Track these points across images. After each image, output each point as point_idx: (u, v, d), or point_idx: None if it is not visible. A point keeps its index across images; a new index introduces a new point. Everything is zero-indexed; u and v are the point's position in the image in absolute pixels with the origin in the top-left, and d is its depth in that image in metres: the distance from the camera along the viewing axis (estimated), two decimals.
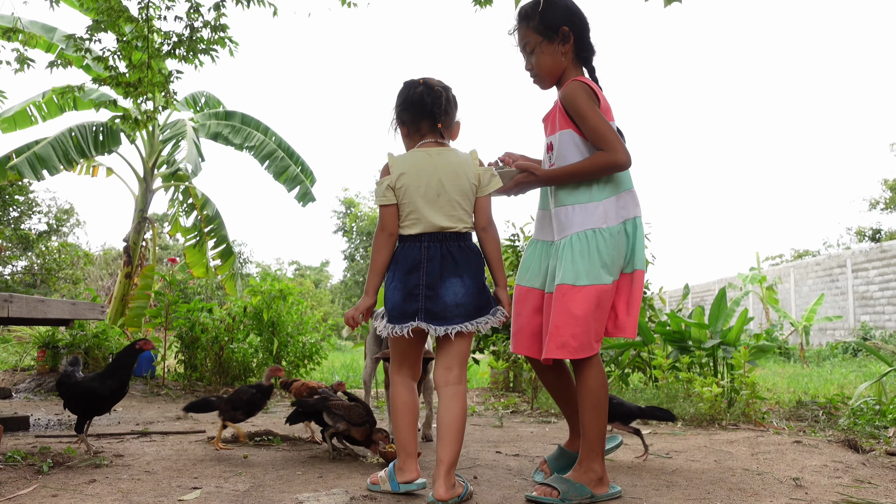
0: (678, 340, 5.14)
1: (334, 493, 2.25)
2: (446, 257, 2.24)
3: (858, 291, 14.12)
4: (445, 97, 2.34)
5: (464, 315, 2.23)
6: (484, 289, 2.28)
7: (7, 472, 2.45)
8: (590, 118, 2.30)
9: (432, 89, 2.34)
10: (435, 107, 2.32)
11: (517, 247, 6.96)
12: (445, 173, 2.27)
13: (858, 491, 2.43)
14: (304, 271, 37.83)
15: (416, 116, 2.34)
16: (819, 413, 4.39)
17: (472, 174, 2.30)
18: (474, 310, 2.24)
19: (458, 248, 2.26)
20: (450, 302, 2.22)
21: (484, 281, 2.30)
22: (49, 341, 6.13)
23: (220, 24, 5.16)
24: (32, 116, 8.43)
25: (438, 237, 2.25)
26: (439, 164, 2.28)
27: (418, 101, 2.33)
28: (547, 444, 3.43)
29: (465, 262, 2.25)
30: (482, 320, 2.24)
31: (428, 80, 2.37)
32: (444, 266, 2.23)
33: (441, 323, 2.22)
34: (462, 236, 2.28)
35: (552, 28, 2.40)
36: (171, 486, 2.35)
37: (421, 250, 2.25)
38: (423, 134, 2.35)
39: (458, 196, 2.27)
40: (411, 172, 2.27)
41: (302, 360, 6.38)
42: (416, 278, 2.24)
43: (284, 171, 9.28)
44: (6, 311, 2.99)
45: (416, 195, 2.26)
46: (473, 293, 2.24)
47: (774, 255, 27.14)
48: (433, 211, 2.25)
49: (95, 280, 18.20)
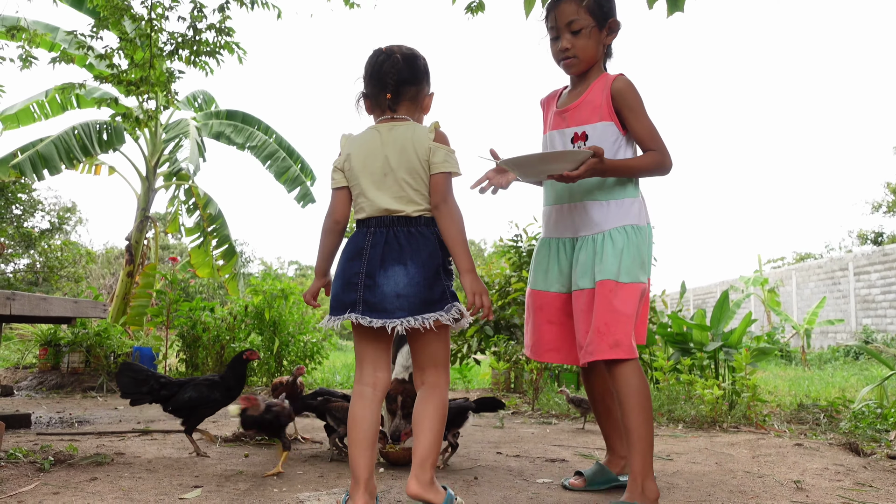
0: (680, 342, 5.14)
1: (335, 493, 2.26)
2: (391, 243, 1.99)
3: (860, 295, 14.10)
4: (406, 65, 2.09)
5: (406, 308, 1.94)
6: (436, 281, 1.98)
7: (9, 470, 2.45)
8: (645, 116, 2.28)
9: (392, 56, 2.09)
10: (398, 77, 2.07)
11: (520, 248, 6.97)
12: (392, 150, 2.03)
13: (860, 494, 2.43)
14: (305, 271, 37.86)
15: (378, 88, 2.09)
16: (820, 416, 4.38)
17: (422, 149, 2.02)
18: (420, 303, 1.95)
19: (407, 233, 2.00)
20: (388, 292, 1.95)
21: (438, 272, 2.00)
22: (51, 339, 6.14)
23: (226, 27, 5.15)
24: (35, 114, 8.46)
25: (385, 221, 2.02)
26: (387, 141, 2.04)
27: (379, 71, 2.09)
28: (548, 445, 3.43)
29: (413, 248, 1.98)
30: (430, 316, 1.94)
31: (390, 48, 2.13)
32: (387, 253, 1.98)
33: (379, 316, 1.95)
34: (412, 220, 2.01)
35: (605, 16, 2.35)
36: (172, 485, 2.35)
37: (366, 236, 2.03)
38: (383, 109, 2.11)
39: (406, 174, 2.01)
40: (359, 152, 2.07)
41: (303, 359, 6.39)
42: (356, 265, 2.01)
43: (285, 172, 9.32)
44: (9, 308, 3.00)
45: (362, 176, 2.05)
46: (419, 283, 1.95)
47: (776, 257, 27.14)
48: (380, 193, 2.03)
49: (97, 278, 18.23)
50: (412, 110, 2.12)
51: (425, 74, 2.15)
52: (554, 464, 2.92)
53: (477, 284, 2.01)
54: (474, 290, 2.00)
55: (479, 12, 4.88)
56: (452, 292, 2.02)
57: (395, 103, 2.09)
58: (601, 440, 3.62)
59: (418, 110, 2.15)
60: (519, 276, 6.79)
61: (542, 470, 2.79)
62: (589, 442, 3.56)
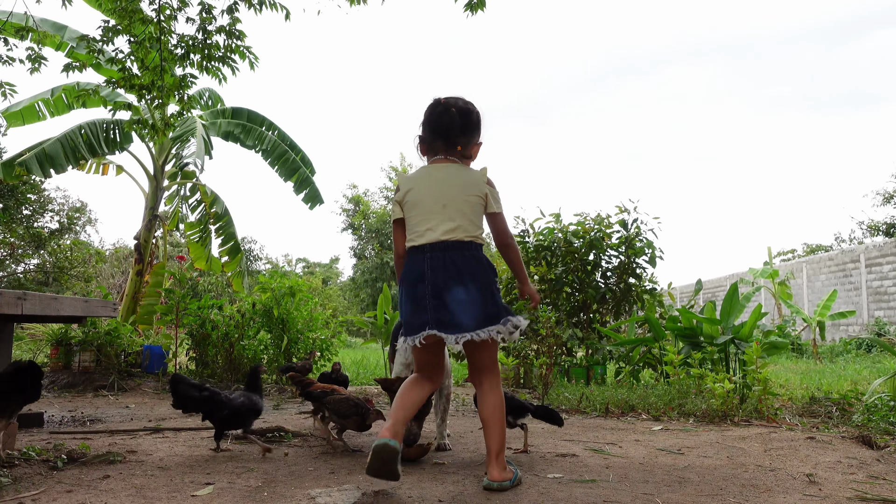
0: (690, 336, 5.12)
1: (346, 489, 2.26)
2: (449, 267, 2.28)
3: (872, 287, 14.00)
4: (462, 120, 2.41)
5: (474, 322, 2.26)
6: (492, 298, 2.31)
7: (22, 468, 2.47)
8: None
9: (448, 110, 2.41)
10: (450, 128, 2.40)
11: (527, 243, 6.95)
12: (449, 186, 2.35)
13: (873, 487, 2.41)
14: (313, 268, 37.94)
15: (433, 135, 2.43)
16: (832, 409, 4.35)
17: (479, 190, 2.36)
18: (485, 318, 2.27)
19: (461, 256, 2.30)
20: (457, 310, 2.26)
21: (493, 290, 2.33)
22: (62, 338, 6.18)
23: (237, 30, 5.12)
24: (40, 112, 8.49)
25: (440, 247, 2.31)
26: (443, 178, 2.37)
27: (436, 122, 2.42)
28: (558, 440, 3.42)
29: (469, 270, 2.29)
30: (493, 329, 2.26)
31: (448, 100, 2.43)
32: (448, 275, 2.28)
33: (451, 331, 2.26)
34: (465, 245, 2.32)
35: None
36: (184, 482, 2.36)
37: (424, 261, 2.31)
38: (436, 152, 2.44)
39: (464, 206, 2.33)
40: (417, 187, 2.39)
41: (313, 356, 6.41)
42: (421, 290, 2.30)
43: (294, 174, 9.35)
44: (20, 308, 3.02)
45: (421, 208, 2.36)
46: (479, 301, 2.27)
47: (786, 250, 26.97)
48: (436, 223, 2.33)
49: (107, 278, 18.34)
50: (462, 157, 2.45)
51: (477, 127, 2.47)
52: (564, 458, 2.92)
53: (533, 289, 2.56)
54: (532, 294, 2.55)
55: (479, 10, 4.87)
56: (506, 307, 2.35)
57: (448, 149, 2.43)
58: (612, 434, 3.62)
59: (466, 156, 2.47)
60: (527, 271, 6.78)
61: (552, 465, 2.78)
62: (599, 437, 3.55)
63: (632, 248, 6.54)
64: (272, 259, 34.62)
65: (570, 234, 6.68)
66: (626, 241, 6.58)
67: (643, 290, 6.62)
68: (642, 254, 6.56)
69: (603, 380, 6.06)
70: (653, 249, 6.54)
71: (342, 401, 2.94)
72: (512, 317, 2.32)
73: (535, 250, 6.85)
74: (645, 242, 6.54)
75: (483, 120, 2.48)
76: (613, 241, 6.64)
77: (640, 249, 6.54)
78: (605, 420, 4.23)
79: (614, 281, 6.66)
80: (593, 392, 4.88)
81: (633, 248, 6.54)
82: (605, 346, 6.17)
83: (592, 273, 6.66)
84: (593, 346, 6.28)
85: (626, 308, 6.71)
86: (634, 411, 4.47)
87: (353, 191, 27.86)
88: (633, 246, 6.54)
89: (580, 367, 6.16)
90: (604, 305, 6.75)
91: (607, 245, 6.63)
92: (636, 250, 6.54)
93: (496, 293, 2.34)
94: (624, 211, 6.62)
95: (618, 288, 6.61)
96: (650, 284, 6.69)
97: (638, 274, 6.62)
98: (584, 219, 6.79)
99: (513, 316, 2.32)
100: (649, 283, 6.68)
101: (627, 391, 4.88)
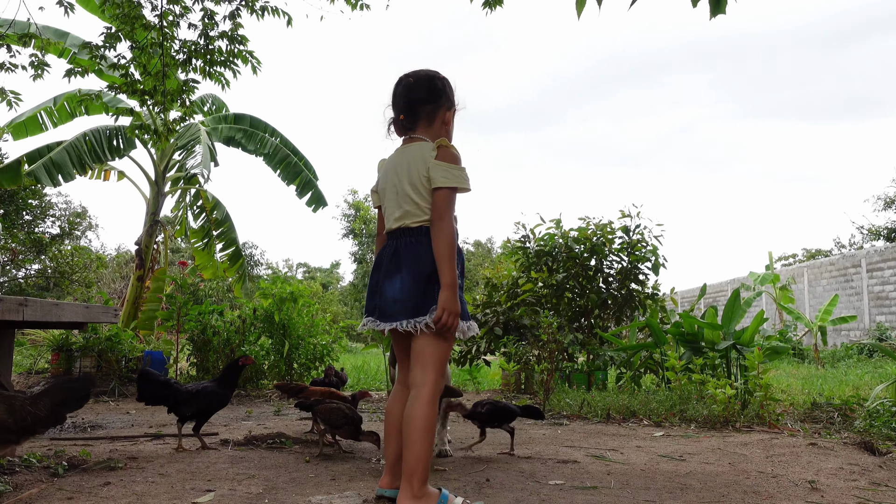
0: (691, 342, 5.11)
1: (347, 496, 2.25)
2: (396, 254, 2.18)
3: (874, 291, 13.98)
4: (418, 86, 2.24)
5: (402, 312, 2.11)
6: (428, 287, 2.11)
7: (23, 475, 2.47)
8: None
9: (406, 80, 2.26)
10: (411, 98, 2.23)
11: (528, 249, 6.95)
12: (402, 169, 2.19)
13: (875, 494, 2.40)
14: (314, 273, 37.95)
15: (397, 111, 2.28)
16: (834, 415, 4.34)
17: (422, 166, 2.14)
18: (413, 308, 2.10)
19: (407, 244, 2.17)
20: (389, 297, 2.15)
21: (432, 279, 2.11)
22: (63, 344, 6.18)
23: (240, 35, 5.14)
24: (43, 123, 8.52)
25: (396, 233, 2.21)
26: (399, 162, 2.21)
27: (394, 95, 2.28)
28: (560, 446, 3.41)
29: (409, 257, 2.14)
30: (422, 319, 2.08)
31: (408, 73, 2.29)
32: (391, 263, 2.18)
33: (385, 320, 2.16)
34: (413, 231, 2.17)
35: None
36: (184, 489, 2.36)
37: (386, 248, 2.24)
38: (406, 130, 2.26)
39: (409, 189, 2.16)
40: (383, 175, 2.29)
41: (313, 361, 6.40)
42: (377, 276, 2.23)
43: (297, 177, 9.37)
44: (21, 314, 3.01)
45: (385, 195, 2.26)
46: (410, 289, 2.11)
47: (787, 255, 26.94)
48: (393, 208, 2.22)
49: (108, 283, 18.34)
50: (429, 129, 2.25)
51: (442, 92, 2.26)
52: (566, 465, 2.91)
53: (450, 302, 2.06)
54: (444, 305, 2.06)
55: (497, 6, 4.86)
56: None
57: (411, 123, 2.25)
58: (613, 441, 3.61)
59: (439, 127, 2.26)
60: (527, 276, 6.78)
61: (553, 471, 2.78)
62: (601, 443, 3.54)
63: (634, 255, 6.54)
64: (272, 264, 34.64)
65: (571, 239, 6.68)
66: (628, 247, 6.58)
67: (645, 295, 6.62)
68: (645, 260, 6.55)
69: (604, 385, 6.05)
70: (656, 256, 6.53)
71: (333, 410, 2.94)
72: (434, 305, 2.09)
73: (537, 256, 6.85)
74: (649, 248, 6.53)
75: (453, 88, 2.29)
76: (615, 247, 6.64)
77: (644, 256, 6.54)
78: (607, 426, 4.22)
79: (616, 286, 6.66)
80: (594, 398, 4.87)
81: (636, 255, 6.54)
82: (606, 352, 6.16)
83: (594, 278, 6.66)
84: (594, 352, 6.27)
85: (627, 313, 6.71)
86: (636, 417, 4.46)
87: (354, 196, 27.90)
88: (636, 252, 6.54)
89: (581, 373, 6.15)
90: (605, 311, 6.74)
91: (609, 251, 6.63)
92: (639, 256, 6.54)
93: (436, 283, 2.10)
94: (627, 216, 6.62)
95: (619, 294, 6.60)
96: (652, 290, 6.68)
97: (640, 280, 6.61)
98: (586, 224, 6.79)
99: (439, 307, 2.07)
100: (651, 289, 6.67)
101: (629, 397, 4.87)
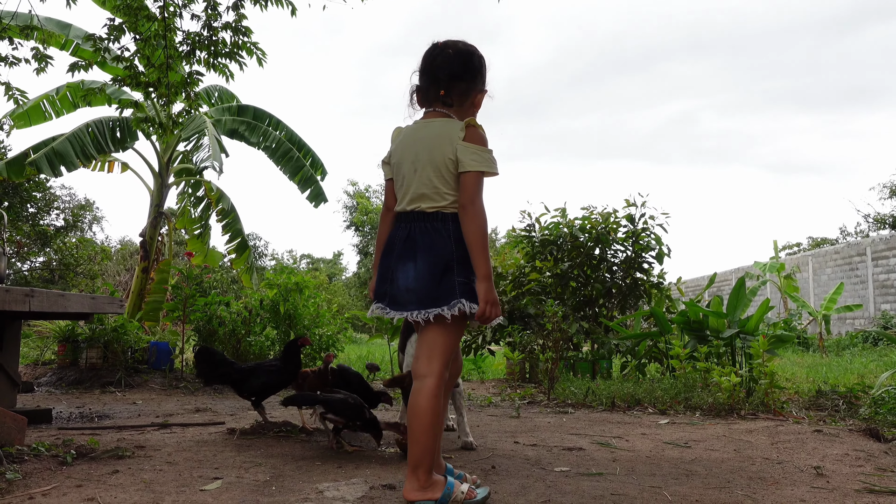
0: (696, 330, 5.12)
1: (353, 483, 2.27)
2: (409, 239, 2.04)
3: (879, 280, 13.94)
4: (459, 60, 2.10)
5: (415, 302, 2.00)
6: (445, 277, 1.99)
7: (32, 464, 2.49)
8: None
9: (445, 51, 2.11)
10: (445, 71, 2.09)
11: (533, 238, 6.95)
12: (424, 146, 2.05)
13: (881, 479, 2.40)
14: (318, 264, 38.00)
15: (427, 81, 2.13)
16: (839, 402, 4.34)
17: (448, 148, 2.01)
18: (427, 298, 1.98)
19: (422, 229, 2.03)
20: (402, 286, 2.03)
21: (449, 268, 2.00)
22: (69, 335, 6.20)
23: (244, 26, 5.10)
24: (46, 112, 8.52)
25: (409, 216, 2.07)
26: (422, 137, 2.07)
27: (430, 65, 2.12)
28: (565, 434, 3.42)
29: (426, 245, 2.01)
30: (434, 311, 1.96)
31: (446, 42, 2.14)
32: (405, 248, 2.05)
33: (396, 308, 2.04)
34: (429, 216, 2.04)
35: None
36: (192, 477, 2.37)
37: (399, 230, 2.10)
38: (430, 102, 2.13)
39: (430, 170, 2.03)
40: (399, 147, 2.13)
41: (319, 352, 6.42)
42: (388, 260, 2.10)
43: (299, 172, 9.37)
44: (27, 305, 3.03)
45: (400, 171, 2.11)
46: (425, 279, 1.99)
47: (791, 243, 26.86)
48: (406, 189, 2.08)
49: (113, 275, 18.40)
50: (459, 107, 2.12)
51: (479, 71, 2.14)
52: (571, 452, 2.92)
53: (489, 293, 1.97)
54: (486, 298, 1.98)
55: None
56: (466, 289, 1.99)
57: (446, 97, 2.10)
58: (618, 428, 3.62)
59: (468, 107, 2.14)
60: (532, 266, 6.78)
61: (559, 459, 2.79)
62: (606, 431, 3.55)
63: (638, 244, 6.53)
64: (277, 255, 34.70)
65: (576, 228, 6.67)
66: (633, 236, 6.56)
67: (650, 284, 6.61)
68: (650, 249, 6.54)
69: (609, 374, 6.06)
70: (660, 245, 6.52)
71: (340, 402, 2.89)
72: (466, 301, 1.98)
73: (542, 245, 6.85)
74: (654, 237, 6.52)
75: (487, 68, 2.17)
76: (620, 236, 6.63)
77: (648, 244, 6.53)
78: (612, 414, 4.23)
79: (621, 275, 6.65)
80: (599, 386, 4.88)
81: (640, 244, 6.52)
82: (610, 341, 6.16)
83: (599, 267, 6.65)
84: (599, 341, 6.27)
85: (632, 302, 6.71)
86: (640, 405, 4.46)
87: (354, 188, 27.89)
88: (640, 240, 6.52)
89: (586, 362, 6.16)
90: (610, 300, 6.74)
91: (613, 239, 6.61)
92: (643, 245, 6.52)
93: (457, 273, 2.00)
94: (632, 205, 6.60)
95: (624, 282, 6.60)
96: (657, 279, 6.67)
97: (645, 268, 6.61)
98: (590, 213, 6.78)
99: (468, 301, 1.98)
100: (657, 278, 6.67)
101: (633, 385, 4.87)
